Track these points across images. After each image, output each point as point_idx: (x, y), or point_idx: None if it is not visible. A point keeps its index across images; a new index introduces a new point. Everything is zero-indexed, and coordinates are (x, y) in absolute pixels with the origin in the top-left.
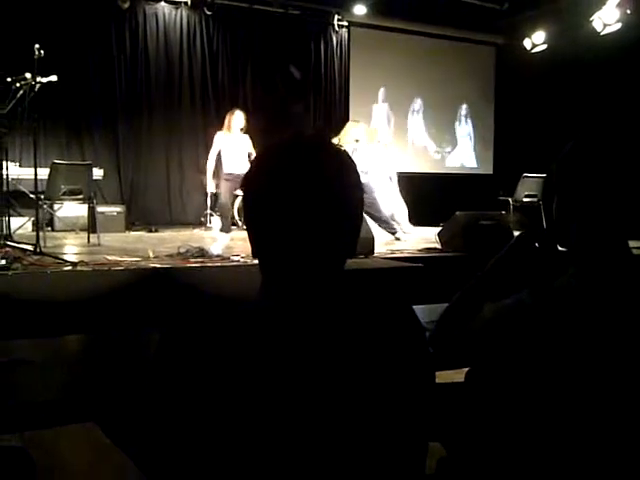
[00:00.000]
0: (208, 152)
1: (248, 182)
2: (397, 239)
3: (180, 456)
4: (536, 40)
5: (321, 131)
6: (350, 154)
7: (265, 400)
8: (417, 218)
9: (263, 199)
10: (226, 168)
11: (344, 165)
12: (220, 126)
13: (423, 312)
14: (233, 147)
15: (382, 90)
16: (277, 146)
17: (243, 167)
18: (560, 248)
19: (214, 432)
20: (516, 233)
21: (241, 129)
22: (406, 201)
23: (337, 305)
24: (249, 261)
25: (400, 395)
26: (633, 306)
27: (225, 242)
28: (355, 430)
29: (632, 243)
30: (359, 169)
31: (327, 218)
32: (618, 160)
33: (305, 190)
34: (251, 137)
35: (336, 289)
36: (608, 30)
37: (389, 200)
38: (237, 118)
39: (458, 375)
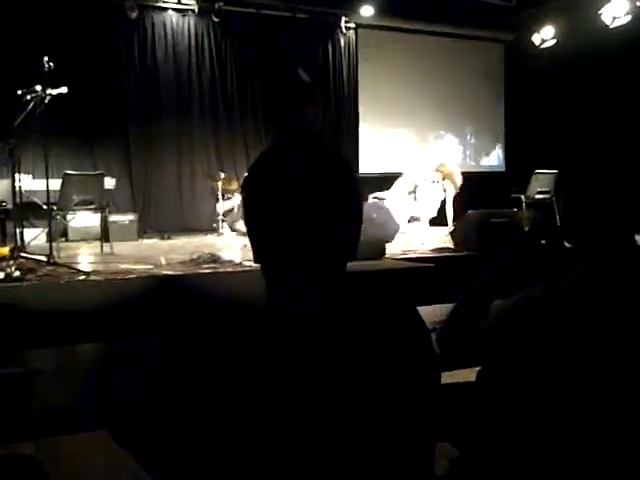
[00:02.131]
0: (219, 158)
1: (247, 185)
2: None
3: (192, 464)
4: (545, 35)
5: (321, 134)
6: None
7: (272, 406)
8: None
9: (261, 202)
10: None
11: (342, 167)
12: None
13: (435, 312)
14: None
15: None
16: (275, 149)
17: None
18: (567, 245)
19: (224, 437)
20: None
21: None
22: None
23: (340, 309)
24: None
25: (404, 396)
26: None
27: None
28: (361, 432)
29: (639, 237)
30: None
31: (325, 220)
32: (623, 155)
33: (302, 192)
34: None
35: (338, 292)
36: (617, 23)
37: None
38: None
39: (473, 374)
